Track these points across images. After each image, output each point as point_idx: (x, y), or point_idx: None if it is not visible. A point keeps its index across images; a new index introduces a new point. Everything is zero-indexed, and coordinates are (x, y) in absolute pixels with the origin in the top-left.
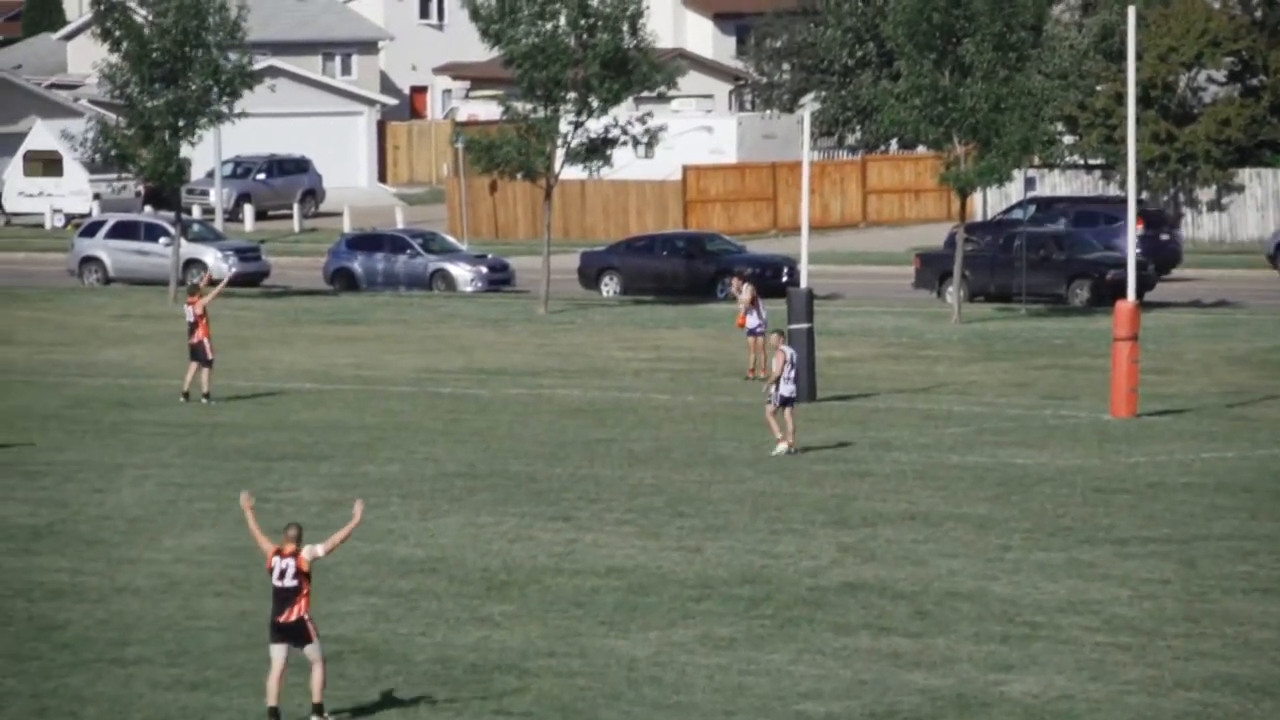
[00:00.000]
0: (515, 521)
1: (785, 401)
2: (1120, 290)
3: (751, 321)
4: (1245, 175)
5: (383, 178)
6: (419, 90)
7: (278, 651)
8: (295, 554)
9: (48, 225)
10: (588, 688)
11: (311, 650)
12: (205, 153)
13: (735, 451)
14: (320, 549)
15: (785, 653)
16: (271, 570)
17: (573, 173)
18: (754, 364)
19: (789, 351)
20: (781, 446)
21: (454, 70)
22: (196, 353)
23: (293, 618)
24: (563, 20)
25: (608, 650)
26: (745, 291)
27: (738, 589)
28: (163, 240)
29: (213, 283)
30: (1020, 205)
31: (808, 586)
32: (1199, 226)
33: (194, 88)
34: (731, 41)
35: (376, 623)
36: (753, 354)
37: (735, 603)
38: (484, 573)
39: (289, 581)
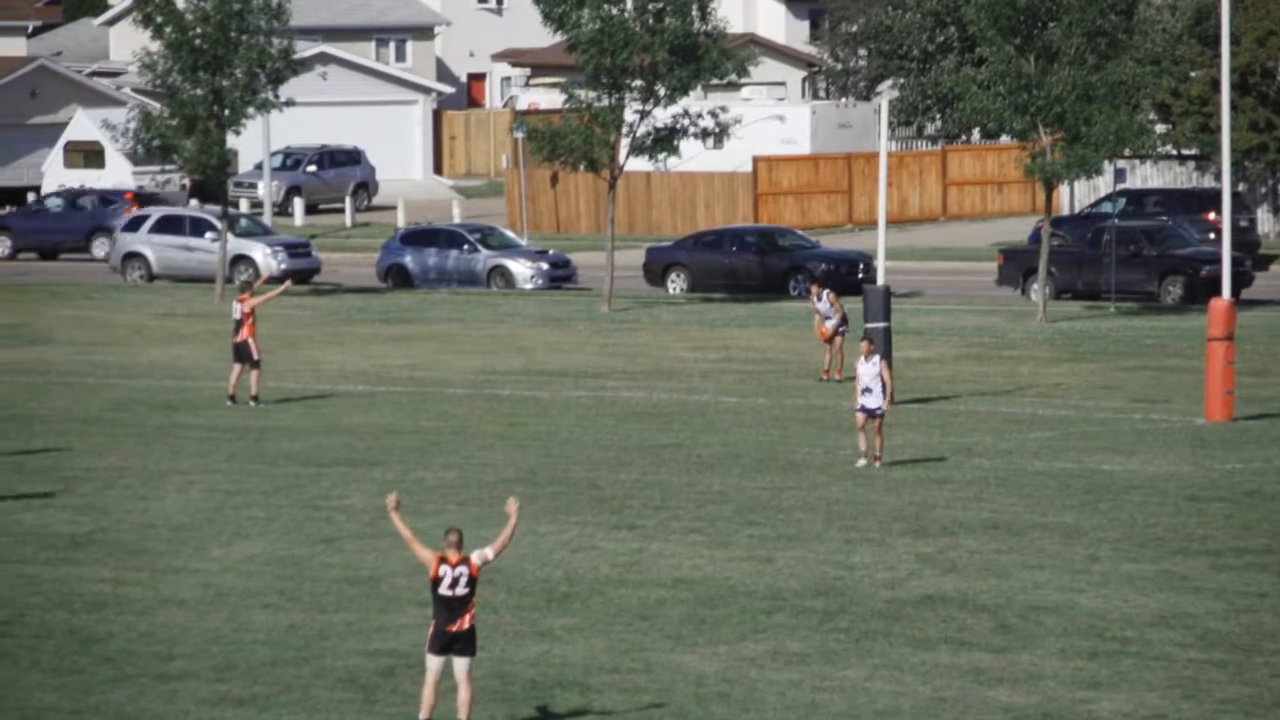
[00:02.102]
0: (577, 530)
1: (871, 413)
2: (1215, 287)
3: (832, 325)
4: None
5: (439, 169)
6: (477, 78)
7: (435, 662)
8: (465, 560)
9: None
10: (653, 705)
11: (465, 666)
12: (253, 144)
13: (808, 457)
14: (490, 552)
15: (861, 668)
16: (439, 580)
17: (638, 164)
18: (829, 365)
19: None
20: (863, 461)
21: (514, 56)
22: (240, 352)
23: (465, 626)
24: (629, 4)
25: (674, 666)
26: (824, 297)
27: (811, 601)
28: (209, 235)
29: (271, 281)
30: (1109, 198)
31: (884, 599)
32: None
33: (238, 75)
34: (805, 26)
35: None
36: (828, 355)
37: (808, 616)
38: (544, 584)
39: (461, 590)
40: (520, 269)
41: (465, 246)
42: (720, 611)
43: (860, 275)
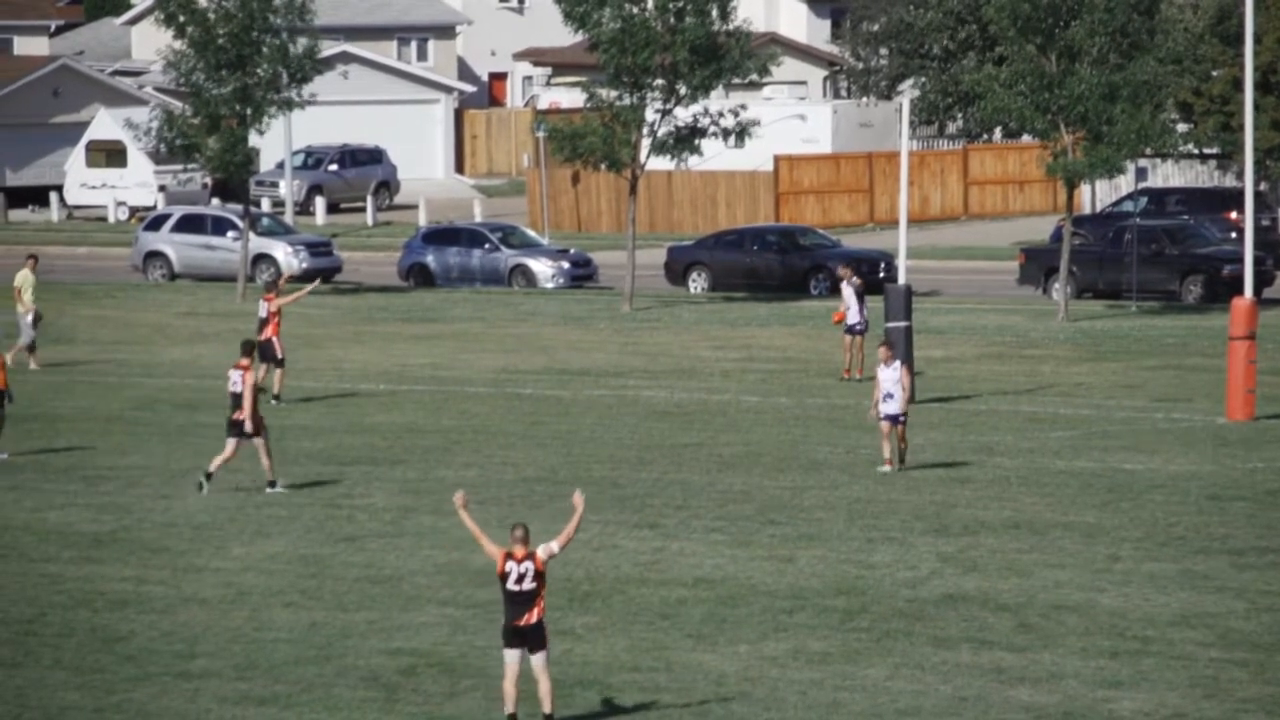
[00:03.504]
0: (599, 529)
1: (894, 419)
2: (1237, 286)
3: (851, 318)
4: None
5: (460, 169)
6: (498, 77)
7: (512, 656)
8: (530, 555)
9: (111, 218)
10: (674, 704)
11: (540, 660)
12: (275, 143)
13: (829, 456)
14: (555, 546)
15: (882, 667)
16: (506, 575)
17: (659, 164)
18: (849, 364)
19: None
20: (887, 468)
21: (535, 56)
22: (264, 351)
23: (532, 621)
24: (650, 3)
25: (695, 665)
26: (852, 283)
27: (832, 600)
28: (230, 234)
29: (293, 281)
30: (1131, 197)
31: (906, 598)
32: None
33: (261, 74)
34: (826, 25)
35: (453, 635)
36: (849, 354)
37: (829, 615)
38: (566, 583)
39: (528, 585)
40: (542, 268)
41: (487, 245)
42: (741, 611)
43: (882, 274)
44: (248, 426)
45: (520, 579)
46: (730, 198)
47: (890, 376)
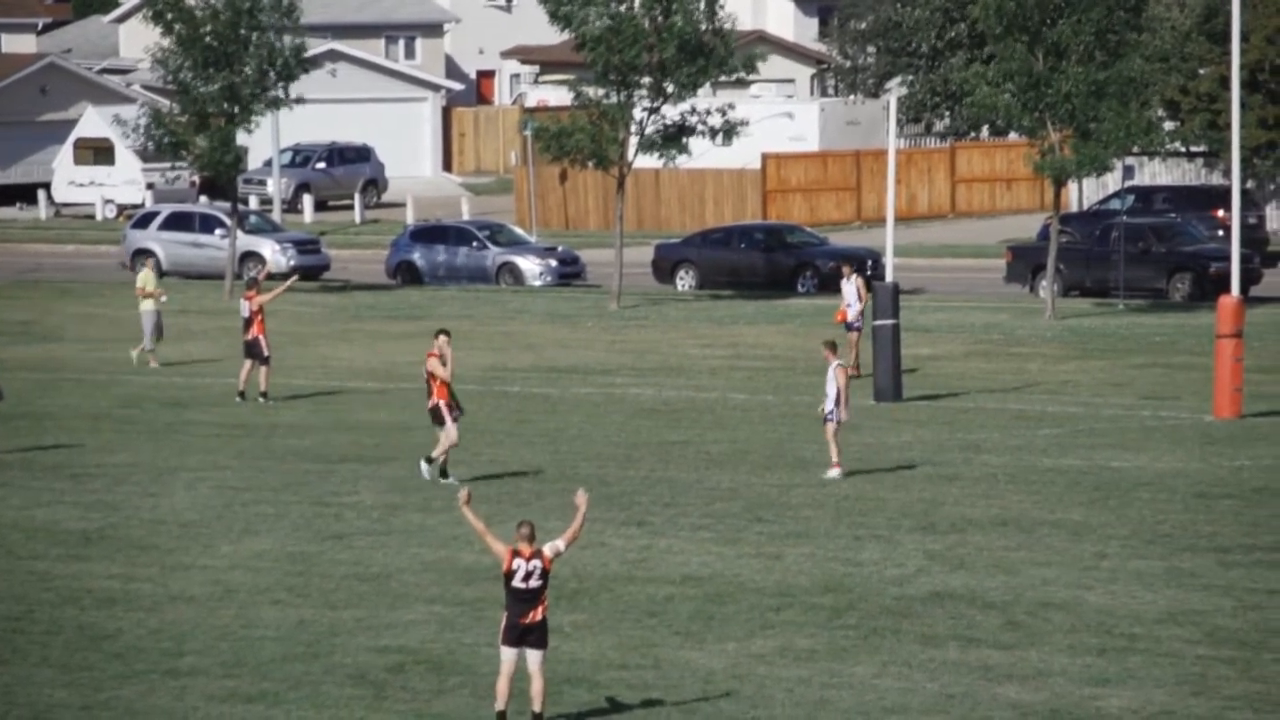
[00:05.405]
0: (586, 527)
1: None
2: (1224, 284)
3: (851, 315)
4: None
5: (448, 167)
6: (486, 75)
7: (509, 654)
8: (538, 553)
9: (99, 216)
10: (661, 701)
11: (537, 658)
12: (263, 141)
13: (816, 454)
14: (561, 544)
15: (869, 665)
16: (513, 573)
17: (646, 162)
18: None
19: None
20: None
21: (523, 54)
22: (251, 350)
23: (538, 618)
24: (636, 2)
25: (683, 662)
26: (852, 279)
27: (819, 598)
28: (218, 232)
29: (271, 277)
30: (1118, 195)
31: (893, 595)
32: None
33: (249, 72)
34: (814, 23)
35: (441, 632)
36: (854, 351)
37: (816, 612)
38: (553, 580)
39: (534, 583)
40: (529, 266)
41: (474, 243)
42: (729, 608)
43: (869, 272)
44: (442, 410)
45: (528, 577)
46: (718, 196)
47: (829, 377)
